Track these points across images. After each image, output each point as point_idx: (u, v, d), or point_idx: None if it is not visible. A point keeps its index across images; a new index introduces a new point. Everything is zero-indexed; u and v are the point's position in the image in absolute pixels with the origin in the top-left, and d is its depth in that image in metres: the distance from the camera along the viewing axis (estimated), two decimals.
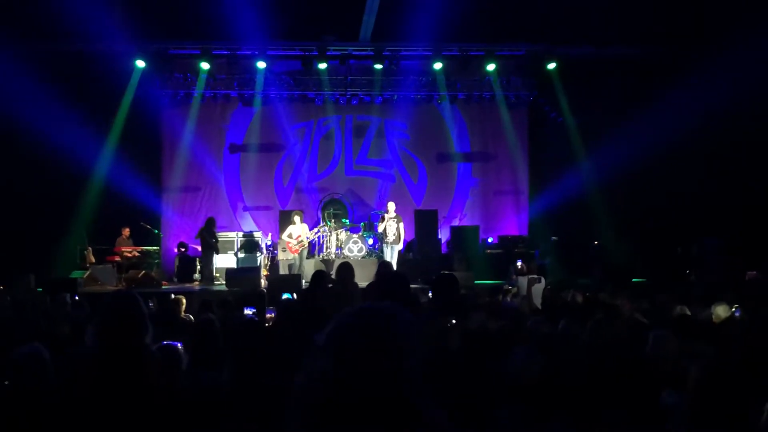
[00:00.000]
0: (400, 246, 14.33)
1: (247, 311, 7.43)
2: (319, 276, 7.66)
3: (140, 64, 15.66)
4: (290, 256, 14.40)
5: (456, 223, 17.49)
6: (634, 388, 3.69)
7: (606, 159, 15.23)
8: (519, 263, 12.55)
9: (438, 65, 16.22)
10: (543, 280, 11.27)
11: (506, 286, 12.21)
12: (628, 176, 15.01)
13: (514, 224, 17.87)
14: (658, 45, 15.04)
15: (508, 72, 17.28)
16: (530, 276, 11.39)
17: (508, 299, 10.12)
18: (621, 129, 15.03)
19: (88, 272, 14.29)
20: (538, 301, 10.31)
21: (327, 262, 14.36)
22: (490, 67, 16.31)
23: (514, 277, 12.29)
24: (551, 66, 16.06)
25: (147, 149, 17.06)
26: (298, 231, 14.37)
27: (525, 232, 17.54)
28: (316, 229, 15.54)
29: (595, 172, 15.95)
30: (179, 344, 4.09)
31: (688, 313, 6.49)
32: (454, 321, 5.70)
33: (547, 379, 3.41)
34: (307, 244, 14.54)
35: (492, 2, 13.35)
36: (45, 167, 14.55)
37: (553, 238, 15.98)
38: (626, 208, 15.45)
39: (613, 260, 14.75)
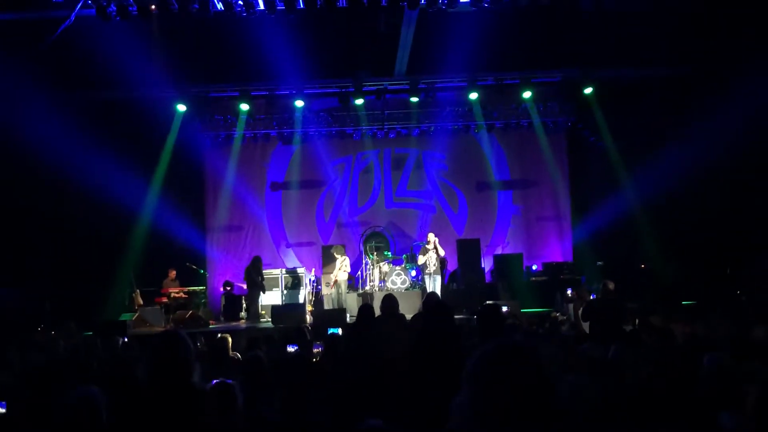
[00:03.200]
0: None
1: (290, 348, 7.43)
2: (365, 310, 7.66)
3: (181, 108, 16.02)
4: (332, 291, 14.54)
5: (499, 251, 17.34)
6: (690, 411, 3.61)
7: (648, 181, 15.01)
8: (569, 291, 12.36)
9: (474, 95, 16.19)
10: None
11: (553, 313, 12.06)
12: (671, 197, 14.78)
13: (557, 250, 17.65)
14: (695, 64, 14.81)
15: (544, 98, 17.19)
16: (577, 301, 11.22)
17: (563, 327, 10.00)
18: (662, 150, 14.72)
19: (136, 314, 14.50)
20: (586, 326, 10.14)
21: (369, 295, 14.36)
22: (527, 94, 16.23)
23: (565, 304, 12.11)
24: (588, 91, 15.89)
25: (190, 191, 17.44)
26: (338, 266, 14.51)
27: (569, 258, 17.30)
28: (346, 263, 15.13)
29: (638, 194, 15.70)
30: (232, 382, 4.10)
31: (742, 334, 6.34)
32: None
33: (602, 404, 3.35)
34: (336, 281, 14.55)
35: (525, 30, 13.34)
36: (93, 213, 14.84)
37: (599, 262, 15.74)
38: (672, 229, 15.11)
39: (661, 283, 14.46)
